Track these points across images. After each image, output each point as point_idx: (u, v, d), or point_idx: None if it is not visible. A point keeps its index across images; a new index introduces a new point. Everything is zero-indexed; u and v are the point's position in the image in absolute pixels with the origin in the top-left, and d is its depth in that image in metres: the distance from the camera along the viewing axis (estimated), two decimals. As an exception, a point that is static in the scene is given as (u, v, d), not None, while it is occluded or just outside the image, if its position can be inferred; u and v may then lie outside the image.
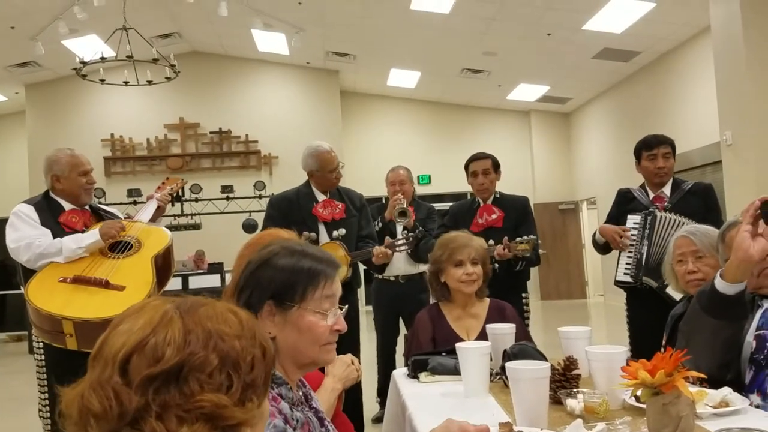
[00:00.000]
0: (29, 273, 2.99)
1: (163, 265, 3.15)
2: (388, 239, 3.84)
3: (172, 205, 3.62)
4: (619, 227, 3.46)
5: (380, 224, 4.43)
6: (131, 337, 0.82)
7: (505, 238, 3.47)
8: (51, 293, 2.85)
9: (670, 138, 3.56)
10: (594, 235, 3.68)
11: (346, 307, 1.49)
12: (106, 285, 2.90)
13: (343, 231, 3.73)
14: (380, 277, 4.57)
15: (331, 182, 3.79)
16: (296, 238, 1.84)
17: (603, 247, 3.61)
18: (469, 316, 2.74)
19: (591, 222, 12.92)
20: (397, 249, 3.80)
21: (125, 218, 3.47)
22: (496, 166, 3.82)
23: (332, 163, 3.76)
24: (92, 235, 3.04)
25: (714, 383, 1.85)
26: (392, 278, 4.54)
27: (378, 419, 4.43)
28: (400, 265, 4.49)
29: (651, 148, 3.50)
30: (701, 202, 3.40)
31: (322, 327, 1.40)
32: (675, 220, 3.27)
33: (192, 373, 0.80)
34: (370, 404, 4.61)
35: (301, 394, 1.49)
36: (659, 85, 9.84)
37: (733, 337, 1.87)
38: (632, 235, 3.39)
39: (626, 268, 3.40)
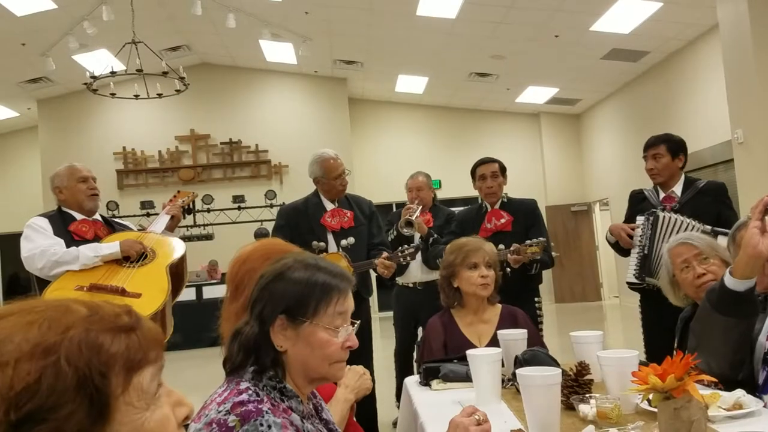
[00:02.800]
0: (44, 284, 3.03)
1: (176, 275, 3.18)
2: (401, 248, 3.82)
3: (184, 217, 3.67)
4: (627, 225, 3.46)
5: (395, 233, 4.43)
6: None
7: (515, 244, 3.46)
8: None
9: (668, 135, 3.53)
10: (606, 236, 3.67)
11: (358, 323, 1.48)
12: (122, 293, 2.93)
13: (352, 240, 3.72)
14: (400, 283, 4.59)
15: (336, 189, 3.78)
16: (284, 246, 1.83)
17: (617, 247, 3.60)
18: (481, 322, 2.73)
19: (604, 223, 12.83)
20: (401, 260, 3.77)
21: (139, 229, 3.51)
22: (502, 169, 3.83)
23: (336, 169, 3.75)
24: (112, 247, 3.09)
25: (726, 382, 1.84)
26: (410, 285, 4.55)
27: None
28: (416, 272, 4.49)
29: (645, 150, 3.53)
30: (713, 201, 3.37)
31: (333, 344, 1.40)
32: (678, 220, 3.24)
33: None
34: (389, 409, 4.62)
35: (311, 406, 1.49)
36: (669, 84, 9.79)
37: (745, 335, 1.86)
38: (639, 236, 3.38)
39: (634, 270, 3.39)
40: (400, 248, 3.79)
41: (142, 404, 0.77)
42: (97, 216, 3.37)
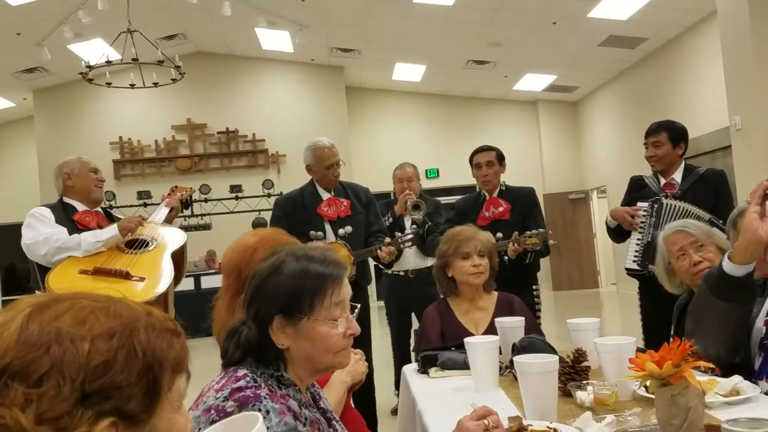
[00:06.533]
0: (45, 272, 3.04)
1: (176, 264, 3.20)
2: (397, 235, 3.83)
3: (182, 211, 3.70)
4: (630, 208, 3.45)
5: (390, 220, 4.44)
6: None
7: (515, 233, 3.46)
8: (72, 283, 2.89)
9: (671, 124, 3.52)
10: (606, 220, 3.66)
11: (359, 307, 1.46)
12: (126, 276, 2.96)
13: (349, 229, 3.71)
14: (390, 272, 4.58)
15: (328, 179, 3.76)
16: (288, 239, 1.82)
17: (615, 233, 3.59)
18: (477, 310, 2.74)
19: (602, 211, 12.85)
20: (402, 245, 3.79)
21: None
22: (500, 158, 3.82)
23: (329, 159, 3.72)
24: (111, 230, 3.13)
25: (723, 366, 1.84)
26: (402, 273, 4.55)
27: (397, 411, 4.47)
28: (410, 259, 4.50)
29: (646, 136, 3.52)
30: (712, 189, 3.37)
31: (334, 336, 1.39)
32: (682, 207, 3.25)
33: (14, 380, 0.70)
34: (388, 397, 4.64)
35: (309, 394, 1.49)
36: (667, 71, 9.76)
37: (742, 320, 1.86)
38: (642, 222, 3.38)
39: (635, 256, 3.39)
40: (400, 234, 3.79)
41: (176, 406, 0.82)
42: (98, 208, 3.41)
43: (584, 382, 1.90)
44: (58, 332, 0.73)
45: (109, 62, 7.60)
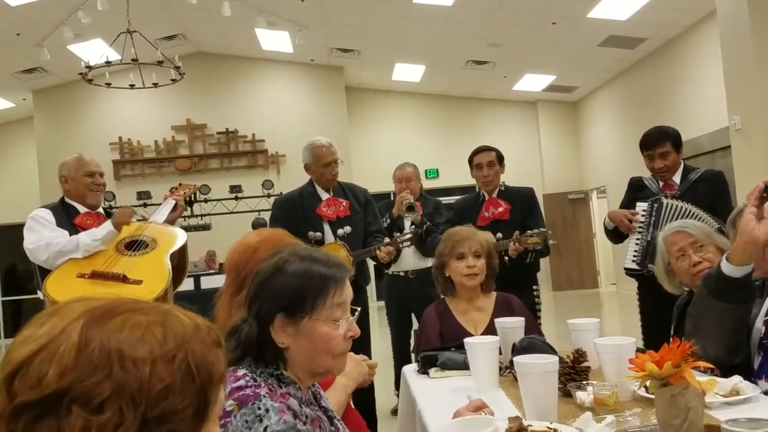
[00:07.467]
0: (46, 274, 3.05)
1: (178, 265, 3.20)
2: (395, 236, 3.84)
3: (185, 209, 3.69)
4: (628, 210, 3.45)
5: (389, 220, 4.45)
6: (25, 348, 0.70)
7: (516, 232, 3.47)
8: (70, 288, 2.90)
9: (673, 131, 3.48)
10: (604, 221, 3.66)
11: (359, 310, 1.48)
12: (123, 279, 2.96)
13: (348, 229, 3.72)
14: (390, 272, 4.59)
15: (326, 178, 3.77)
16: (291, 239, 1.83)
17: (614, 234, 3.59)
18: (476, 310, 2.74)
19: (601, 211, 12.85)
20: (400, 245, 3.80)
21: (138, 220, 3.53)
22: (500, 158, 3.83)
23: (327, 157, 3.74)
24: (106, 227, 3.13)
25: (722, 366, 1.85)
26: (401, 273, 4.56)
27: (397, 411, 4.48)
28: (410, 260, 4.51)
29: (648, 147, 3.46)
30: (711, 190, 3.37)
31: (335, 337, 1.40)
32: (682, 207, 3.25)
33: (75, 405, 0.66)
34: (388, 397, 4.64)
35: (310, 393, 1.49)
36: (666, 71, 9.77)
37: (741, 320, 1.86)
38: (640, 222, 3.38)
39: (634, 256, 3.39)
40: (398, 234, 3.80)
41: (216, 419, 0.80)
42: (99, 209, 3.41)
43: (584, 382, 1.90)
44: (120, 354, 0.70)
45: (108, 63, 7.60)
